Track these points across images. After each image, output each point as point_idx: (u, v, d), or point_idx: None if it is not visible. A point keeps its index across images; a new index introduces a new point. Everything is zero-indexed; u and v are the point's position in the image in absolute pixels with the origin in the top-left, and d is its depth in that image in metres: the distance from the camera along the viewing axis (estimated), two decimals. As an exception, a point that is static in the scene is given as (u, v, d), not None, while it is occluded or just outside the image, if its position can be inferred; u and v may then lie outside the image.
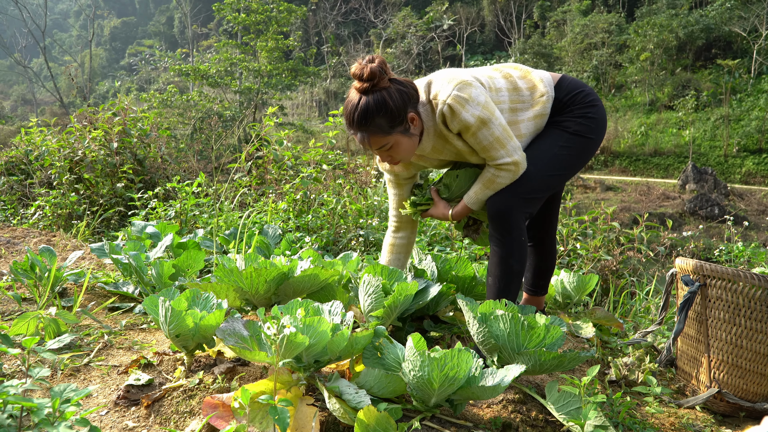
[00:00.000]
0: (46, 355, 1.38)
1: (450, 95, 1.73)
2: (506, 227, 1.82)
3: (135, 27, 78.95)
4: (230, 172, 6.61)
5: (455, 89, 1.73)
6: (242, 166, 5.53)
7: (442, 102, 1.74)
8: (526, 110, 1.87)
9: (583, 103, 1.88)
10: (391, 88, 1.72)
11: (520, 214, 1.83)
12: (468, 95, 1.72)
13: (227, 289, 1.96)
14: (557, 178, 1.90)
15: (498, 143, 1.77)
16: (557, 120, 1.90)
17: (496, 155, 1.78)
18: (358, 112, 1.72)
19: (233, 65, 23.27)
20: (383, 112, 1.71)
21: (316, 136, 20.17)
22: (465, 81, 1.74)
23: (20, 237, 3.71)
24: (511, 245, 1.83)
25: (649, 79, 32.70)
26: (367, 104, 1.71)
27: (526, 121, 1.87)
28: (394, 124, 1.74)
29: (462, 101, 1.72)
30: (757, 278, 1.80)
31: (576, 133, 1.87)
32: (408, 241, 2.22)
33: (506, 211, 1.82)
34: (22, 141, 6.40)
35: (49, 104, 48.82)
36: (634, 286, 3.81)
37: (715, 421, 1.85)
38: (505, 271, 1.84)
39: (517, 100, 1.87)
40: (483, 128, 1.75)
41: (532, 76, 1.91)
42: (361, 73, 1.70)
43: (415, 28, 40.80)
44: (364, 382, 1.48)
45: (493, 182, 1.83)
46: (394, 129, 1.75)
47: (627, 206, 22.50)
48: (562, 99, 1.89)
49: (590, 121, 1.88)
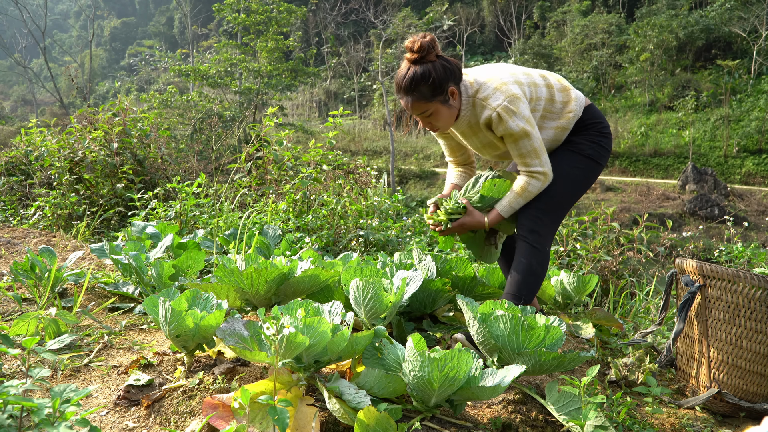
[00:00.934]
0: (46, 356, 1.38)
1: (501, 105, 1.93)
2: (537, 234, 2.03)
3: (135, 27, 78.96)
4: (230, 172, 6.61)
5: (506, 101, 1.93)
6: (242, 166, 5.54)
7: (492, 108, 1.94)
8: (554, 120, 2.07)
9: (599, 132, 2.09)
10: (436, 62, 1.93)
11: (550, 227, 2.06)
12: (516, 108, 1.93)
13: (227, 289, 1.96)
14: (573, 197, 2.11)
15: (535, 153, 1.98)
16: (573, 140, 2.09)
17: (531, 163, 1.99)
18: (406, 80, 1.94)
19: (233, 66, 23.28)
20: (426, 82, 1.92)
21: (316, 136, 20.17)
22: (515, 95, 1.94)
23: (20, 237, 3.71)
24: (540, 249, 2.03)
25: (649, 79, 32.71)
26: (414, 73, 1.93)
27: (549, 130, 2.07)
28: (435, 93, 1.94)
29: (510, 113, 1.92)
30: (756, 279, 1.80)
31: (589, 156, 2.07)
32: (471, 172, 2.44)
33: (538, 221, 2.03)
34: (22, 141, 6.40)
35: (49, 105, 48.85)
36: (634, 287, 3.81)
37: (714, 422, 1.85)
38: (527, 267, 2.03)
39: (550, 110, 2.06)
40: (525, 138, 1.95)
41: (570, 93, 2.10)
42: (413, 45, 1.93)
43: (415, 29, 40.78)
44: (364, 383, 1.48)
45: (525, 190, 2.02)
46: (435, 98, 1.95)
47: (627, 207, 22.51)
48: (584, 121, 2.08)
49: (602, 149, 2.09)
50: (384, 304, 1.81)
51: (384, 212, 4.74)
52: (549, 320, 1.63)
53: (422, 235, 4.39)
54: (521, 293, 2.02)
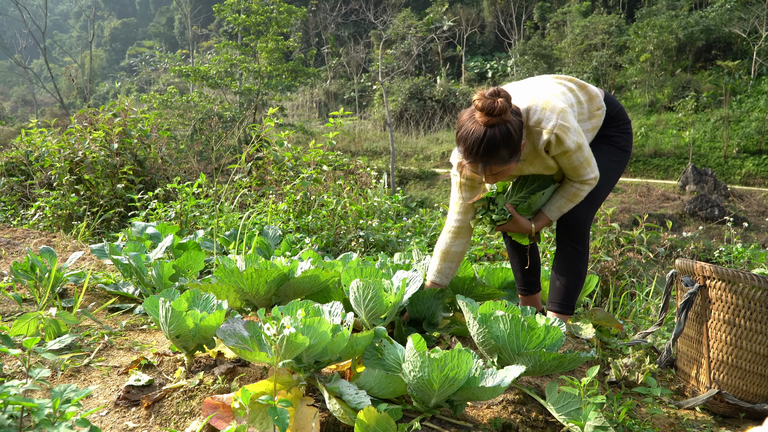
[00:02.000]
0: (47, 356, 1.38)
1: (557, 125, 1.83)
2: (582, 237, 2.04)
3: (135, 28, 78.95)
4: (230, 173, 6.61)
5: (559, 118, 1.84)
6: (242, 167, 5.54)
7: (548, 131, 1.84)
8: (585, 122, 2.03)
9: (624, 119, 2.09)
10: (513, 121, 1.77)
11: (590, 223, 2.07)
12: (569, 123, 1.85)
13: (228, 289, 1.96)
14: (609, 190, 2.11)
15: (587, 163, 1.94)
16: (606, 134, 2.07)
17: (584, 173, 1.95)
18: (484, 145, 1.75)
19: (233, 66, 23.28)
20: (506, 144, 1.76)
21: (316, 137, 20.17)
22: (563, 109, 1.86)
23: (20, 238, 3.71)
24: (584, 253, 2.05)
25: (649, 80, 32.69)
26: (494, 137, 1.74)
27: (587, 133, 2.03)
28: (513, 154, 1.81)
29: (566, 130, 1.85)
30: (757, 279, 1.80)
31: (623, 149, 2.09)
32: (463, 249, 2.19)
33: (583, 222, 2.04)
34: (23, 142, 6.40)
35: (49, 105, 48.80)
36: (634, 287, 3.81)
37: (714, 422, 1.85)
38: (576, 276, 2.05)
39: (580, 112, 2.01)
40: (578, 152, 1.90)
41: (589, 89, 2.06)
42: (492, 107, 1.72)
43: (415, 29, 40.80)
44: (364, 383, 1.48)
45: (577, 195, 2.00)
46: (512, 158, 1.82)
47: (627, 207, 22.51)
48: (609, 113, 2.06)
49: (629, 136, 2.10)
50: (384, 305, 1.81)
51: (384, 213, 4.74)
52: (549, 321, 1.63)
53: (422, 235, 4.39)
54: (572, 301, 2.06)
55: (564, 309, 2.10)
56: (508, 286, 2.60)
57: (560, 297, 2.07)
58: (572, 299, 2.07)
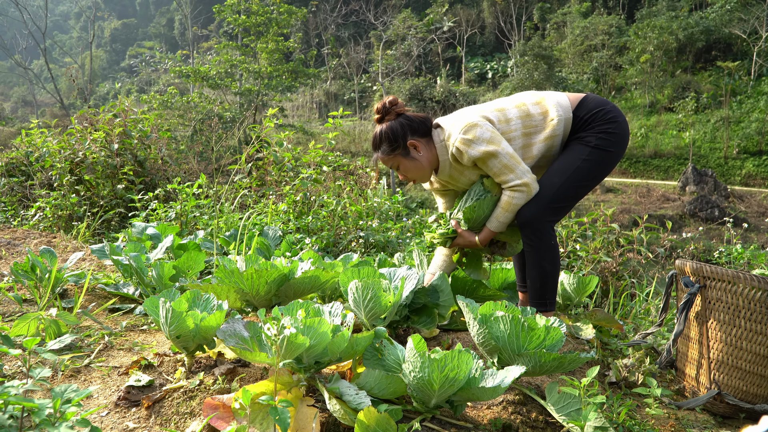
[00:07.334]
0: (47, 356, 1.38)
1: (457, 139, 2.05)
2: (536, 234, 2.07)
3: (135, 29, 78.99)
4: (230, 173, 6.61)
5: (461, 132, 2.04)
6: (242, 167, 5.54)
7: (452, 144, 2.07)
8: (539, 133, 2.10)
9: (603, 120, 2.08)
10: (394, 120, 2.14)
11: (547, 222, 2.07)
12: (472, 135, 2.02)
13: (228, 290, 1.96)
14: (582, 188, 2.11)
15: (507, 169, 2.03)
16: (580, 136, 2.10)
17: (507, 179, 2.04)
18: (373, 139, 2.20)
19: (233, 67, 23.30)
20: (384, 139, 2.14)
21: (316, 137, 20.19)
22: (470, 123, 2.03)
23: (21, 238, 3.71)
24: (542, 249, 2.07)
25: (649, 81, 32.71)
26: (376, 132, 2.19)
27: (539, 143, 2.10)
28: (394, 148, 2.13)
29: (467, 142, 2.02)
30: (756, 280, 1.80)
31: (596, 147, 2.07)
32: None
33: (534, 221, 2.06)
34: (23, 142, 6.40)
35: (49, 106, 48.80)
36: (634, 288, 3.81)
37: (714, 423, 1.85)
38: (540, 272, 2.10)
39: (530, 125, 2.10)
40: (491, 158, 2.02)
41: (545, 102, 2.11)
42: (377, 108, 2.19)
43: (416, 30, 40.83)
44: (364, 383, 1.48)
45: (510, 204, 2.06)
46: (394, 152, 2.14)
47: (627, 208, 22.52)
48: (582, 117, 2.09)
49: (610, 135, 2.07)
50: (383, 305, 1.81)
51: (384, 213, 4.74)
52: (549, 321, 1.63)
53: (422, 236, 4.38)
54: (545, 298, 2.11)
55: (537, 306, 2.13)
56: (509, 286, 2.60)
57: (531, 294, 2.15)
58: (542, 297, 2.11)
